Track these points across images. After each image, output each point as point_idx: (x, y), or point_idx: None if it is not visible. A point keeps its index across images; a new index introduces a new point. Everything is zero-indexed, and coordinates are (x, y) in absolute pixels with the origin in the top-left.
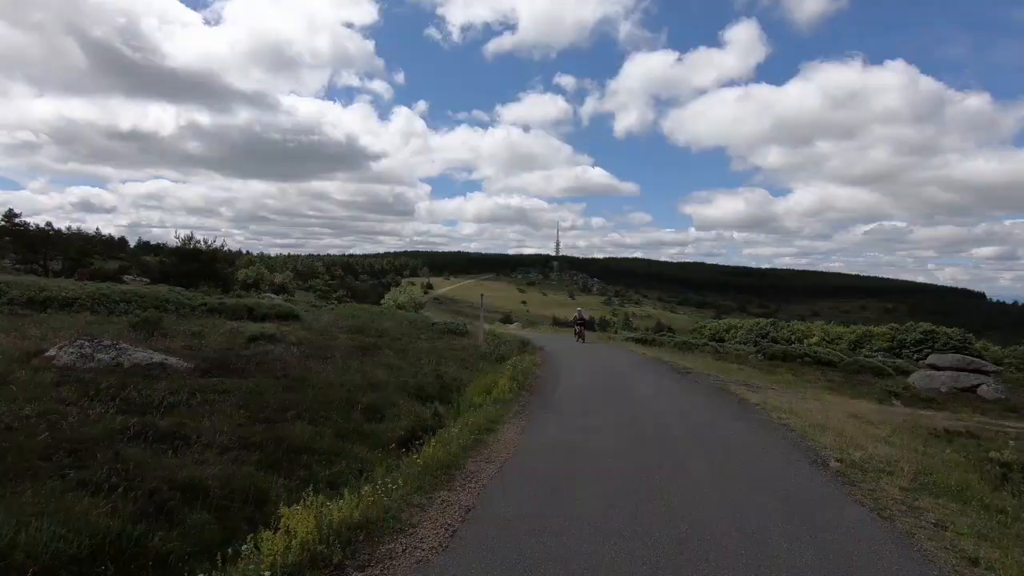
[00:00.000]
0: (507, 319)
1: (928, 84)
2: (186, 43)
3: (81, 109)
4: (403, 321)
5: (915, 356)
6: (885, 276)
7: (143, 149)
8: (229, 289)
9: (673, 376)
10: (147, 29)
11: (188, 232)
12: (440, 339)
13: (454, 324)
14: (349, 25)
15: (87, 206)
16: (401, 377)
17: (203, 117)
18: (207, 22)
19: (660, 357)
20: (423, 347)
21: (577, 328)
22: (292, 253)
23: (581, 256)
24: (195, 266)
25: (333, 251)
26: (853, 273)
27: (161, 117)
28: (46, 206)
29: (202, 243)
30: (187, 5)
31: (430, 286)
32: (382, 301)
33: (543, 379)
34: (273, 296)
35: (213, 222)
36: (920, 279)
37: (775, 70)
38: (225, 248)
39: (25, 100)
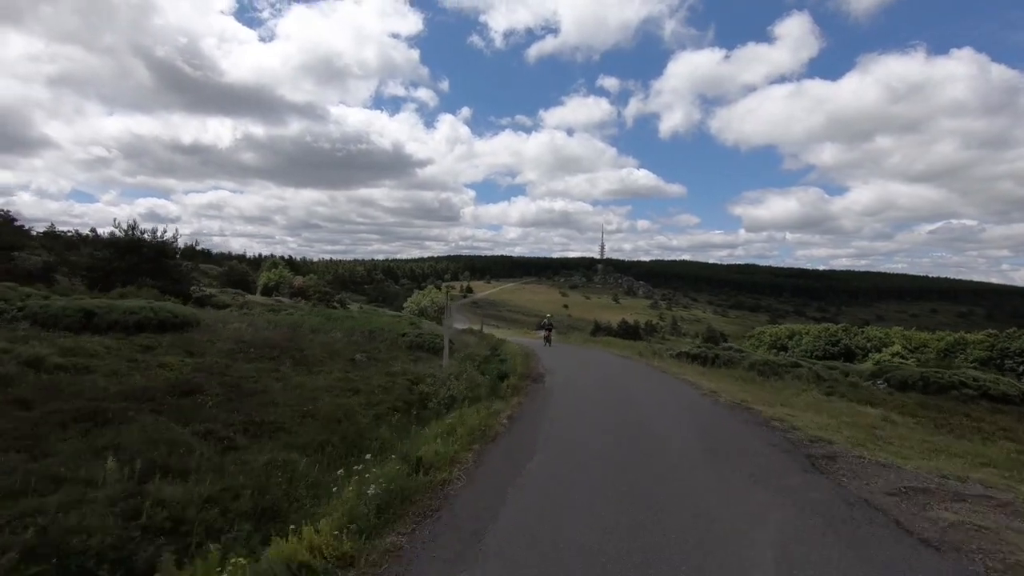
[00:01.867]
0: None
1: (1000, 73)
2: (242, 59)
3: (147, 125)
4: (359, 332)
5: (1021, 369)
6: (956, 277)
7: (203, 161)
8: (184, 289)
9: (820, 495)
10: (206, 48)
11: (132, 221)
12: (380, 364)
13: (429, 338)
14: (395, 36)
15: (154, 216)
16: None
17: (258, 129)
18: (262, 39)
19: (745, 401)
20: (318, 384)
21: (544, 333)
22: (342, 259)
23: (626, 259)
24: (135, 261)
25: (380, 256)
26: (921, 275)
27: (219, 131)
28: (118, 217)
29: (147, 234)
30: (243, 23)
31: (470, 289)
32: (404, 305)
33: (457, 507)
34: (286, 301)
35: (268, 230)
36: (993, 280)
37: (829, 64)
38: (175, 242)
39: (98, 118)
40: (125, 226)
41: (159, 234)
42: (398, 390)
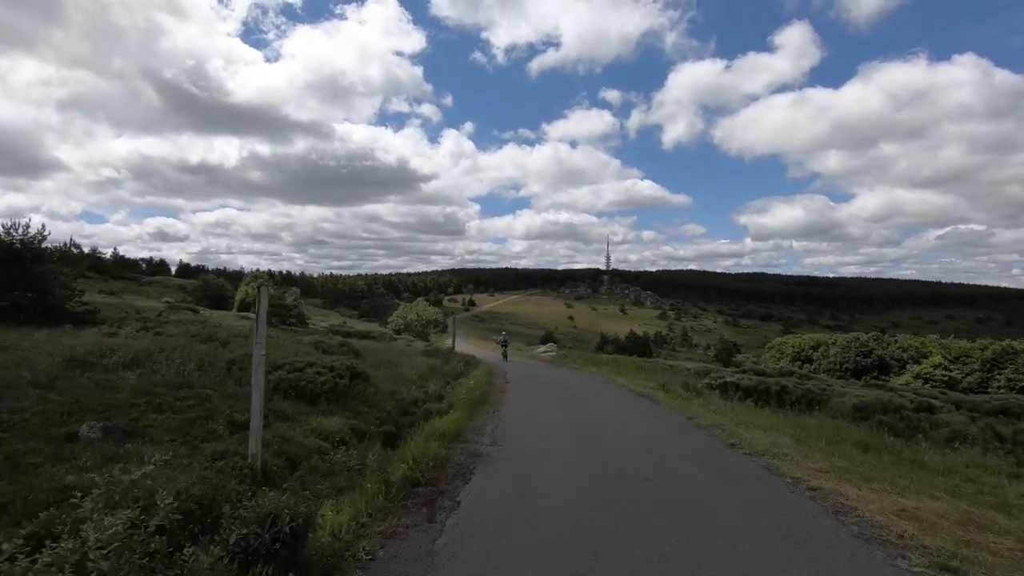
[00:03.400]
0: (547, 338)
1: (1004, 77)
2: (248, 80)
3: (155, 146)
4: (210, 363)
5: None
6: (968, 283)
7: (211, 180)
8: (54, 302)
9: None
10: (213, 69)
11: None
12: (144, 446)
13: (292, 377)
14: (399, 53)
15: (162, 236)
16: None
17: (264, 148)
18: (267, 59)
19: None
20: None
21: (503, 350)
22: (346, 274)
23: (632, 269)
24: None
25: (386, 271)
26: (932, 280)
27: (226, 150)
28: (127, 236)
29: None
30: (249, 44)
31: (472, 302)
32: (389, 320)
33: None
34: (252, 316)
35: (275, 247)
36: (1004, 284)
37: (831, 72)
38: (42, 241)
39: (107, 140)
40: None
41: (16, 231)
42: None
